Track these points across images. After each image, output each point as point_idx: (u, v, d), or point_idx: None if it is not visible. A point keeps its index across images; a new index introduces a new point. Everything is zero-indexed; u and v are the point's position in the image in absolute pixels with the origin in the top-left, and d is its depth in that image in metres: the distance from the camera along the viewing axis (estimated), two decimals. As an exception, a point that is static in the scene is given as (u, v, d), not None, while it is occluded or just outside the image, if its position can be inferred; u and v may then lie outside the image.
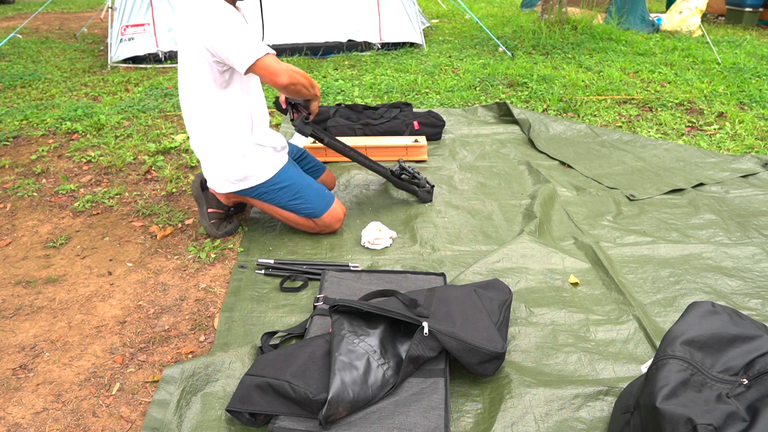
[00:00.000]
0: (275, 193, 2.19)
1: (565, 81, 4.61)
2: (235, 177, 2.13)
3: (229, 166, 2.11)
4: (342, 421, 1.36)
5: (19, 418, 1.47)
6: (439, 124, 3.39)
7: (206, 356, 1.59)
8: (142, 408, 1.50)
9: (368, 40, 5.87)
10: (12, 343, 1.74)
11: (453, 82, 4.71)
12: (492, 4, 10.02)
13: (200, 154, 2.15)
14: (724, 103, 4.02)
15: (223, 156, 2.10)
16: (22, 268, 2.13)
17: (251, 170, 2.13)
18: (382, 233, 2.24)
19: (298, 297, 1.93)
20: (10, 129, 3.57)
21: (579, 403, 1.44)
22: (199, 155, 2.17)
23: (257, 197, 2.20)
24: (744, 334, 1.20)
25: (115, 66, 5.29)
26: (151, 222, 2.46)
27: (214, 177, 2.17)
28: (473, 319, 1.55)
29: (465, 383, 1.54)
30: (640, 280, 2.01)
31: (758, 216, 2.43)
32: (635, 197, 2.62)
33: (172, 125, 3.69)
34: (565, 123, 3.51)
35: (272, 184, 2.17)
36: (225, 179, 2.15)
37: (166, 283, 2.04)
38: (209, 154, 2.12)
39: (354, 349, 1.44)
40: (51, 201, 2.67)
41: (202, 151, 2.13)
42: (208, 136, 2.08)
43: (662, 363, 1.18)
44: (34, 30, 7.50)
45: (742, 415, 1.06)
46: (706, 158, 3.04)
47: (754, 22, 7.43)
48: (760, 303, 1.87)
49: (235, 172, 2.12)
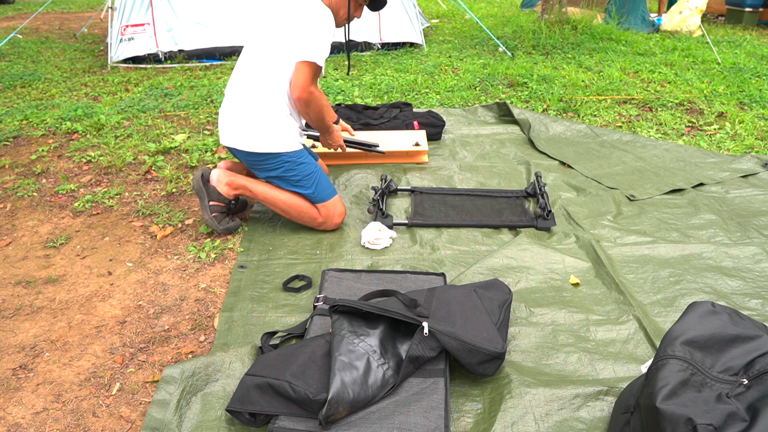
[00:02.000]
0: (295, 166, 2.24)
1: (565, 81, 4.61)
2: (274, 137, 2.20)
3: (275, 126, 2.19)
4: (342, 421, 1.36)
5: (19, 418, 1.47)
6: (439, 124, 3.39)
7: (206, 356, 1.59)
8: (142, 408, 1.50)
9: (368, 40, 5.87)
10: (12, 343, 1.74)
11: (453, 82, 4.71)
12: (492, 4, 10.02)
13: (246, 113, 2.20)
14: (724, 103, 4.02)
15: (273, 117, 2.19)
16: (22, 268, 2.13)
17: (289, 136, 2.23)
18: (382, 233, 2.24)
19: (298, 297, 1.94)
20: (10, 129, 3.57)
21: (579, 403, 1.44)
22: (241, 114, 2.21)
23: (274, 166, 2.24)
24: (744, 334, 1.20)
25: (115, 66, 5.29)
26: (151, 222, 2.46)
27: (250, 135, 2.21)
28: (473, 319, 1.55)
29: (465, 383, 1.54)
30: (640, 280, 2.01)
31: (758, 216, 2.43)
32: (635, 197, 2.62)
33: (172, 125, 3.69)
34: (565, 123, 3.51)
35: (294, 156, 2.24)
36: (263, 137, 2.20)
37: (166, 283, 2.04)
38: (258, 113, 2.19)
39: (354, 349, 1.44)
40: (51, 201, 2.67)
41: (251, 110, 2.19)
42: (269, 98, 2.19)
43: (662, 363, 1.18)
44: (34, 30, 7.50)
45: (742, 415, 1.06)
46: (706, 158, 3.04)
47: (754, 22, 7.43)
48: (760, 303, 1.87)
49: (276, 133, 2.20)
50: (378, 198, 2.43)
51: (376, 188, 2.49)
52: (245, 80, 2.23)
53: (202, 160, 3.11)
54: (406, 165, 3.01)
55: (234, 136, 2.24)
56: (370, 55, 5.76)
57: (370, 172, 2.93)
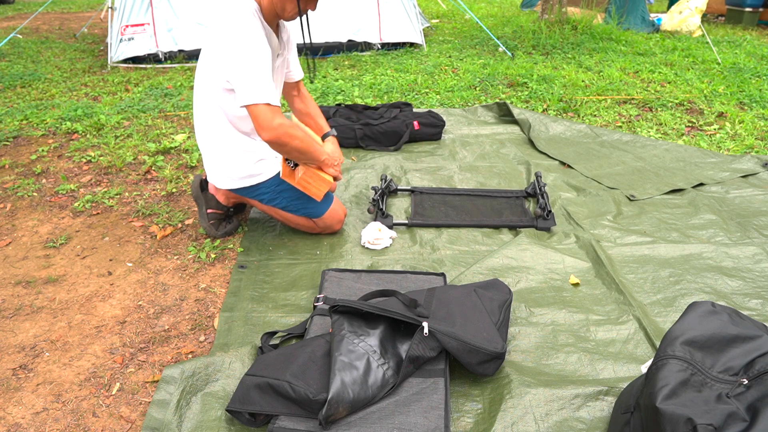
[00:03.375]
0: (277, 194, 2.19)
1: (565, 81, 4.61)
2: (240, 174, 2.13)
3: (236, 162, 2.11)
4: (342, 421, 1.36)
5: (19, 418, 1.47)
6: (439, 124, 3.39)
7: (206, 356, 1.59)
8: (142, 408, 1.50)
9: (368, 40, 5.87)
10: (12, 343, 1.74)
11: (453, 82, 4.71)
12: (492, 4, 10.03)
13: (207, 149, 2.15)
14: (724, 103, 4.02)
15: (230, 153, 2.10)
16: (22, 268, 2.13)
17: (256, 168, 2.14)
18: (382, 233, 2.24)
19: (298, 297, 1.93)
20: (10, 129, 3.57)
21: (579, 403, 1.44)
22: (204, 151, 2.16)
23: (258, 197, 2.20)
24: (744, 334, 1.20)
25: (115, 66, 5.29)
26: (151, 222, 2.46)
27: (218, 173, 2.16)
28: (473, 319, 1.55)
29: (465, 383, 1.54)
30: (640, 280, 2.01)
31: (758, 216, 2.43)
32: (635, 197, 2.62)
33: (172, 125, 3.69)
34: (565, 123, 3.51)
35: (273, 184, 2.17)
36: (229, 176, 2.14)
37: (166, 283, 2.04)
38: (217, 150, 2.12)
39: (354, 349, 1.44)
40: (51, 201, 2.67)
41: (209, 146, 2.13)
42: (218, 133, 2.08)
43: (662, 363, 1.18)
44: (34, 30, 7.50)
45: (742, 415, 1.06)
46: (706, 158, 3.04)
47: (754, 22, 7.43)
48: (760, 303, 1.87)
49: (240, 169, 2.12)
50: (378, 198, 2.43)
51: (376, 188, 2.48)
52: (195, 112, 2.12)
53: (201, 160, 3.11)
54: (404, 163, 3.01)
55: (210, 174, 2.19)
56: (370, 55, 5.76)
57: (370, 172, 2.93)
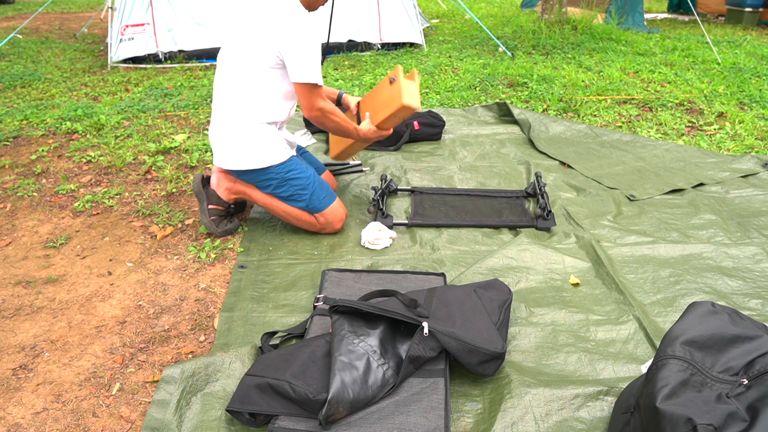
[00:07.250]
0: (284, 182, 2.21)
1: (565, 81, 4.61)
2: (254, 153, 2.16)
3: (252, 141, 2.15)
4: (342, 421, 1.36)
5: (19, 418, 1.47)
6: (439, 124, 3.39)
7: (206, 356, 1.59)
8: (142, 408, 1.50)
9: (368, 40, 5.87)
10: (12, 343, 1.74)
11: (453, 82, 4.71)
12: (492, 4, 10.03)
13: (224, 130, 2.17)
14: (724, 103, 4.02)
15: (249, 132, 2.14)
16: (22, 268, 2.13)
17: (270, 149, 2.18)
18: (382, 233, 2.24)
19: (298, 297, 1.94)
20: (10, 129, 3.57)
21: (579, 403, 1.44)
22: (220, 132, 2.19)
23: (265, 183, 2.22)
24: (744, 334, 1.20)
25: (115, 66, 5.29)
26: (151, 222, 2.46)
27: (230, 153, 2.18)
28: (473, 320, 1.55)
29: (465, 383, 1.54)
30: (640, 280, 2.01)
31: (758, 216, 2.43)
32: (635, 197, 2.62)
33: (172, 125, 3.69)
34: (565, 123, 3.51)
35: (282, 170, 2.20)
36: (243, 155, 2.17)
37: (166, 283, 2.04)
38: (235, 130, 2.15)
39: (354, 349, 1.44)
40: (51, 201, 2.67)
41: (228, 127, 2.16)
42: (242, 112, 2.13)
43: (662, 363, 1.18)
44: (34, 30, 7.50)
45: (742, 415, 1.06)
46: (706, 158, 3.04)
47: (754, 22, 7.43)
48: (760, 303, 1.87)
49: (255, 149, 2.16)
50: (378, 198, 2.43)
51: (376, 188, 2.48)
52: (219, 93, 2.18)
53: (202, 160, 3.11)
54: (404, 163, 3.01)
55: (219, 155, 2.22)
56: (370, 55, 5.76)
57: (370, 172, 2.93)
